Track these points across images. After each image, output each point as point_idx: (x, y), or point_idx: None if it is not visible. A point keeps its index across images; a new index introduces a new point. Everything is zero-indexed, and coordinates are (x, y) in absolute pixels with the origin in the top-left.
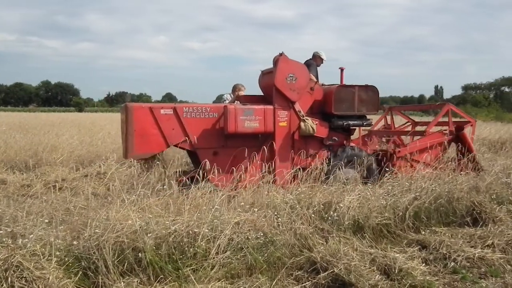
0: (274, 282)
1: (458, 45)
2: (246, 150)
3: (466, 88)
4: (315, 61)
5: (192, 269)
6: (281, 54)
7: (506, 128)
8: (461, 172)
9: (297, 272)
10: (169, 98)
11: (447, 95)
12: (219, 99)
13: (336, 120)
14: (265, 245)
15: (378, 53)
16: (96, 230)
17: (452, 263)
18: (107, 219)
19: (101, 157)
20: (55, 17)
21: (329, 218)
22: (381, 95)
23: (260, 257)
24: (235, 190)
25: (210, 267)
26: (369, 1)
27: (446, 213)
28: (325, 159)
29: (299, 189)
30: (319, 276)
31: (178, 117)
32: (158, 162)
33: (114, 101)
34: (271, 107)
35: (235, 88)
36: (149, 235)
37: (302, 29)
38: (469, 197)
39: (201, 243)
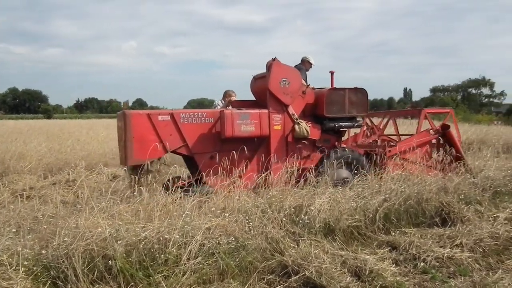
0: (245, 287)
1: (425, 48)
2: (243, 153)
3: (434, 90)
4: (304, 65)
5: (163, 275)
6: (274, 59)
7: (473, 129)
8: (449, 171)
9: (269, 276)
10: (139, 103)
11: (416, 97)
12: (214, 106)
13: (328, 122)
14: (237, 249)
15: (348, 57)
16: (65, 239)
17: (422, 263)
18: (76, 227)
19: (70, 165)
20: (22, 23)
21: (300, 221)
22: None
23: (231, 262)
24: (232, 191)
25: (181, 273)
26: (339, 5)
27: (416, 214)
28: (319, 161)
29: (270, 193)
30: (290, 279)
31: (175, 123)
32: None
33: (83, 108)
34: (266, 111)
35: (225, 94)
36: (119, 242)
37: (273, 33)
38: (437, 198)
39: (172, 249)
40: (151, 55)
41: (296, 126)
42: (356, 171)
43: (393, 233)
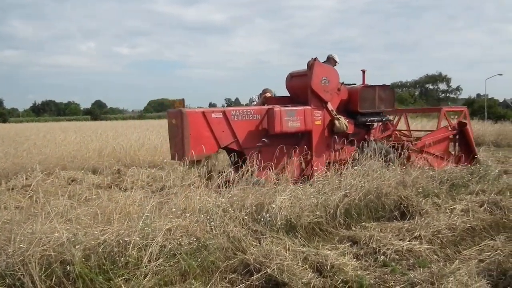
0: (208, 287)
1: (385, 45)
2: (287, 147)
3: (393, 86)
4: (329, 63)
5: (124, 279)
6: (315, 59)
7: (431, 124)
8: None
9: (231, 275)
10: (98, 105)
11: None
12: (251, 101)
13: (360, 117)
14: (199, 250)
15: (309, 54)
16: (21, 245)
17: (382, 257)
18: (32, 232)
19: (27, 169)
20: None
21: (262, 219)
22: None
23: (193, 263)
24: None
25: (142, 275)
26: (299, 3)
27: (376, 209)
28: (353, 153)
29: (231, 192)
30: (252, 277)
31: (227, 120)
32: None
33: (40, 110)
34: (309, 107)
35: (264, 91)
36: (77, 247)
37: (234, 32)
38: (396, 192)
39: (133, 251)
40: (111, 56)
41: (336, 122)
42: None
43: (353, 228)
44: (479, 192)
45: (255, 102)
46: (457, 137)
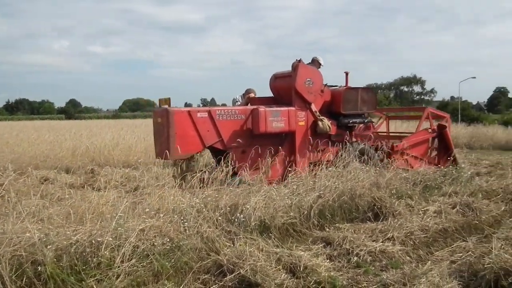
0: None
1: (359, 47)
2: (270, 147)
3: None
4: (314, 65)
5: (96, 279)
6: (299, 61)
7: (405, 125)
8: (440, 165)
9: (204, 276)
10: (72, 104)
11: None
12: (234, 101)
13: (343, 119)
14: (172, 250)
15: (284, 55)
16: None
17: (355, 258)
18: (3, 232)
19: None
20: None
21: (236, 220)
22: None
23: (166, 263)
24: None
25: (115, 276)
26: (275, 4)
27: (349, 210)
28: (335, 154)
29: (205, 192)
30: (225, 278)
31: (212, 120)
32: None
33: (14, 109)
34: (293, 108)
35: (247, 92)
36: (49, 247)
37: (209, 32)
38: (370, 193)
39: (105, 252)
40: (84, 55)
41: (320, 123)
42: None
43: (327, 229)
44: (451, 193)
45: (238, 103)
46: (436, 139)
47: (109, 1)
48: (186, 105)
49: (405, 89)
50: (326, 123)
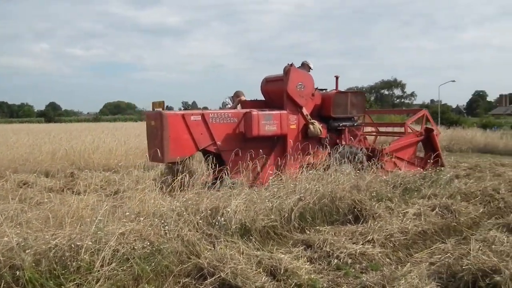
0: None
1: (341, 50)
2: (263, 150)
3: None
4: (304, 69)
5: (75, 283)
6: (291, 65)
7: (384, 129)
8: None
9: (185, 279)
10: (52, 107)
11: None
12: (224, 104)
13: (333, 122)
14: (152, 254)
15: (265, 58)
16: None
17: (336, 260)
18: None
19: None
20: None
21: (217, 223)
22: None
23: (147, 267)
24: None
25: (94, 280)
26: (255, 7)
27: (330, 212)
28: (325, 156)
29: (186, 196)
30: (206, 281)
31: (205, 123)
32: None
33: None
34: (285, 112)
35: (235, 94)
36: (27, 251)
37: (189, 35)
38: (350, 196)
39: (85, 256)
40: (64, 57)
41: (311, 126)
42: (356, 165)
43: (308, 232)
44: (431, 196)
45: (228, 105)
46: (424, 142)
47: (88, 4)
48: (168, 108)
49: (386, 92)
50: (317, 127)
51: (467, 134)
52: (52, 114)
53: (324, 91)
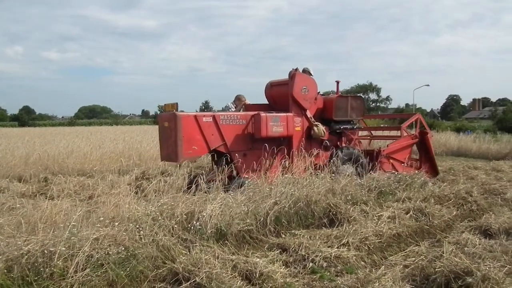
0: None
1: (316, 55)
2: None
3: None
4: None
5: None
6: (296, 70)
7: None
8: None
9: (160, 284)
10: (26, 111)
11: None
12: (226, 108)
13: (334, 125)
14: (127, 259)
15: (242, 62)
16: None
17: (311, 264)
18: None
19: None
20: None
21: (192, 227)
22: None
23: (121, 272)
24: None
25: (68, 286)
26: (232, 12)
27: (305, 216)
28: (327, 158)
29: (161, 200)
30: (181, 286)
31: (216, 124)
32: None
33: None
34: (291, 114)
35: (237, 98)
36: None
37: (166, 38)
38: (325, 200)
39: (58, 262)
40: (39, 61)
41: (315, 128)
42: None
43: (283, 235)
44: (405, 199)
45: (232, 110)
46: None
47: (63, 7)
48: (143, 112)
49: (361, 96)
50: (321, 128)
51: (441, 138)
52: (26, 118)
53: (326, 95)
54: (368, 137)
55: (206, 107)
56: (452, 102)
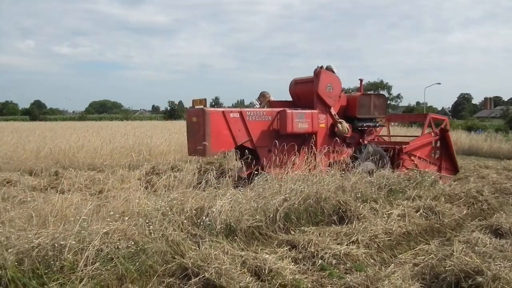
0: None
1: (327, 51)
2: (294, 146)
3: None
4: None
5: (59, 283)
6: (321, 67)
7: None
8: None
9: (169, 279)
10: (37, 105)
11: None
12: (251, 105)
13: (357, 122)
14: (137, 253)
15: (253, 58)
16: None
17: (320, 261)
18: None
19: None
20: None
21: (202, 223)
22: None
23: (131, 267)
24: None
25: (78, 280)
26: (243, 8)
27: (315, 213)
28: (349, 155)
29: (171, 195)
30: (190, 281)
31: (243, 120)
32: None
33: None
34: (315, 111)
35: (261, 95)
36: (10, 250)
37: (177, 34)
38: (335, 197)
39: (68, 255)
40: (51, 56)
41: (339, 125)
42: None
43: (293, 232)
44: (415, 197)
45: (256, 106)
46: (439, 142)
47: (74, 2)
48: (154, 108)
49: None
50: (345, 126)
51: (452, 137)
52: (37, 112)
53: (349, 93)
54: (386, 136)
55: (216, 103)
56: (464, 100)
